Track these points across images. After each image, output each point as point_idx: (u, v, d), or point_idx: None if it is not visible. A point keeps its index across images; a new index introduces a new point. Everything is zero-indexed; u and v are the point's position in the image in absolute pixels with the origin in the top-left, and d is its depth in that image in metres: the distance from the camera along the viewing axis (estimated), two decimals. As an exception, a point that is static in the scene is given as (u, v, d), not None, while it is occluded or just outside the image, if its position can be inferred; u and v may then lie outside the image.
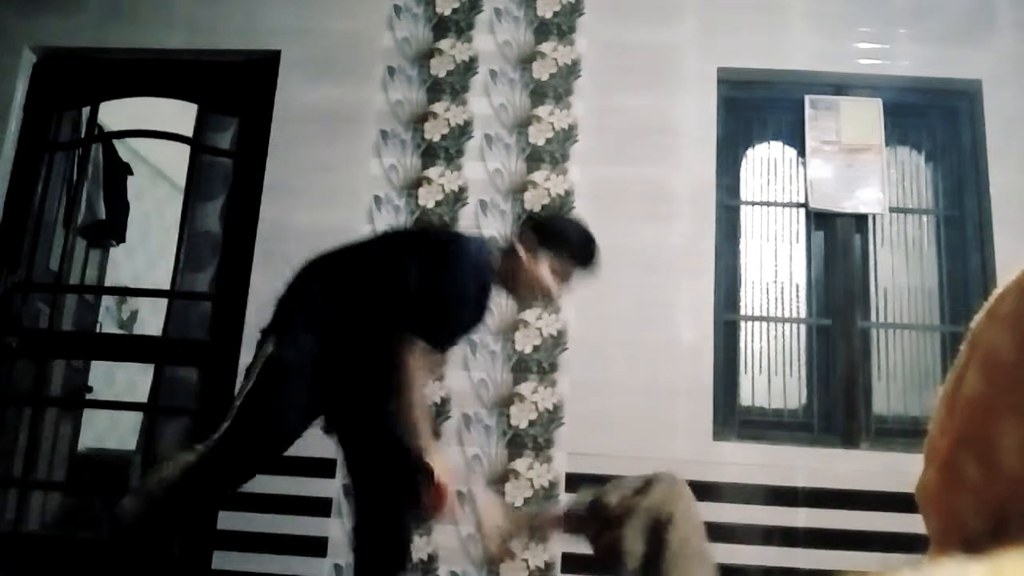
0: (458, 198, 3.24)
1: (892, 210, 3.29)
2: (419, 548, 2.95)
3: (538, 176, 3.24)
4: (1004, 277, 0.38)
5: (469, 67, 3.36)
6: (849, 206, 3.25)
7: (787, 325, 3.25)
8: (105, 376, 4.49)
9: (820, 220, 3.29)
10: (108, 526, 3.20)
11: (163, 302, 3.69)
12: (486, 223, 3.21)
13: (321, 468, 3.02)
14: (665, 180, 3.20)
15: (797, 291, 3.28)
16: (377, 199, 3.25)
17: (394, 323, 2.18)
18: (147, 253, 5.26)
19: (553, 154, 3.26)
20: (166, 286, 3.59)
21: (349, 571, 2.94)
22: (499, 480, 2.99)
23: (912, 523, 2.39)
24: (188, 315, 3.60)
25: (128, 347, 4.04)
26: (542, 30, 3.38)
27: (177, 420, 3.54)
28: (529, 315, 3.11)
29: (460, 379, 3.08)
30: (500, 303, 3.13)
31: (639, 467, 2.94)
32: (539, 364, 3.08)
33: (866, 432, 3.10)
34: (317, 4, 3.44)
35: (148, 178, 5.16)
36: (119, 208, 4.11)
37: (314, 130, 3.32)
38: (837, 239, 3.27)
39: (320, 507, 2.99)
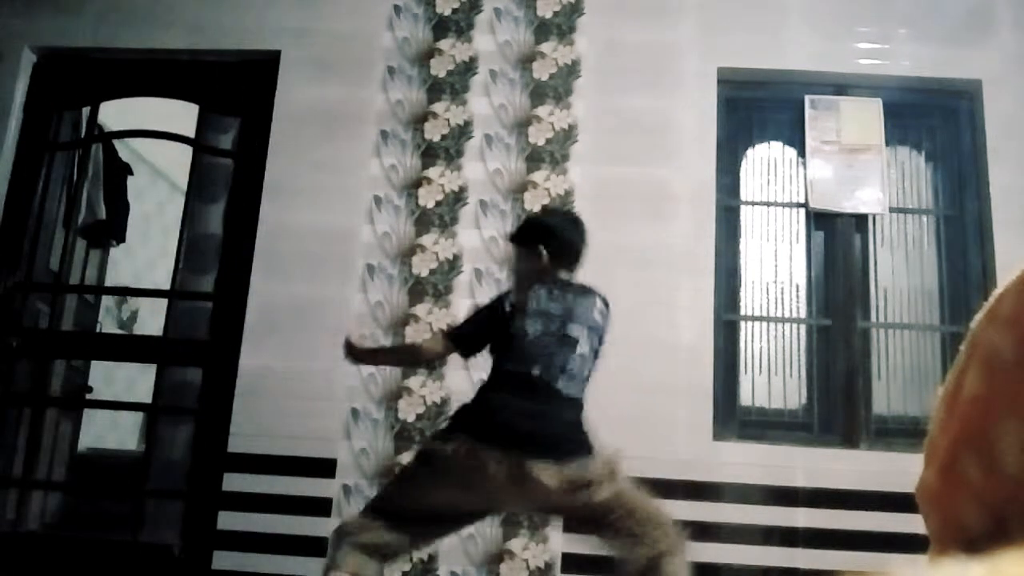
0: (458, 198, 3.24)
1: (892, 210, 3.29)
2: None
3: (538, 176, 3.24)
4: (1004, 277, 0.38)
5: (469, 67, 3.36)
6: (849, 206, 3.25)
7: (787, 325, 3.25)
8: (105, 376, 4.49)
9: (820, 220, 3.29)
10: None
11: (163, 302, 3.69)
12: (486, 223, 3.21)
13: (321, 468, 3.02)
14: (665, 180, 3.21)
15: (797, 291, 3.28)
16: (377, 199, 3.25)
17: None
18: (147, 253, 5.27)
19: (553, 154, 3.26)
20: (166, 286, 3.60)
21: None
22: (499, 480, 2.99)
23: (912, 523, 2.39)
24: (188, 315, 3.60)
25: (128, 347, 4.05)
26: (542, 30, 3.38)
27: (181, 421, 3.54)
28: (529, 315, 3.11)
29: (460, 378, 3.08)
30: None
31: (639, 467, 2.95)
32: (539, 364, 3.07)
33: (866, 432, 3.10)
34: (317, 4, 3.44)
35: (148, 178, 5.17)
36: (119, 208, 4.11)
37: (314, 130, 3.32)
38: (837, 239, 3.27)
39: (320, 507, 2.99)
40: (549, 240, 2.41)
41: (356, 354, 2.48)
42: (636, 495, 2.23)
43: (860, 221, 3.28)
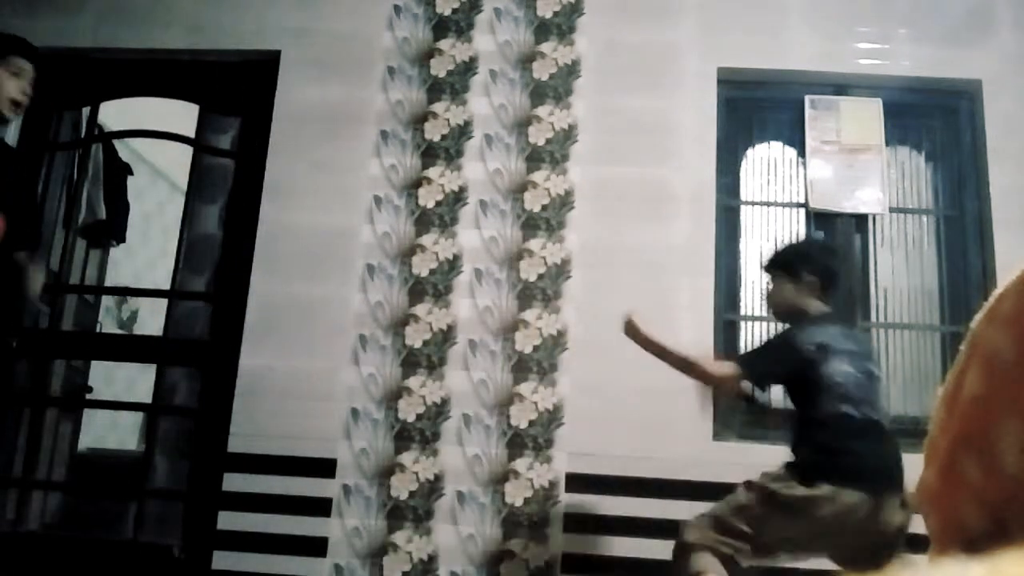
0: (458, 198, 3.24)
1: (892, 210, 3.29)
2: (419, 548, 2.96)
3: (538, 176, 3.24)
4: (1004, 277, 0.38)
5: (469, 67, 3.36)
6: (849, 206, 3.25)
7: (787, 325, 3.24)
8: (105, 376, 4.49)
9: (820, 220, 3.29)
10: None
11: (163, 302, 3.69)
12: (486, 223, 3.21)
13: (321, 468, 3.02)
14: (665, 180, 3.20)
15: (797, 291, 3.27)
16: (377, 199, 3.25)
17: None
18: (147, 253, 5.27)
19: (553, 154, 3.26)
20: (166, 286, 3.60)
21: (349, 571, 2.95)
22: (499, 480, 2.99)
23: (912, 523, 2.38)
24: (188, 315, 3.61)
25: (128, 347, 4.05)
26: (542, 30, 3.38)
27: (181, 421, 3.55)
28: (529, 315, 3.11)
29: (460, 379, 3.08)
30: (500, 303, 3.14)
31: (639, 467, 2.95)
32: (539, 364, 3.08)
33: (866, 432, 3.09)
34: (317, 4, 3.44)
35: (148, 178, 5.16)
36: (119, 208, 4.11)
37: (314, 130, 3.32)
38: (837, 239, 3.26)
39: (320, 507, 2.99)
40: (822, 270, 2.38)
41: (638, 337, 2.43)
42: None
43: (860, 221, 3.28)
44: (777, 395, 2.82)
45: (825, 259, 2.42)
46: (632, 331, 2.46)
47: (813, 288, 2.37)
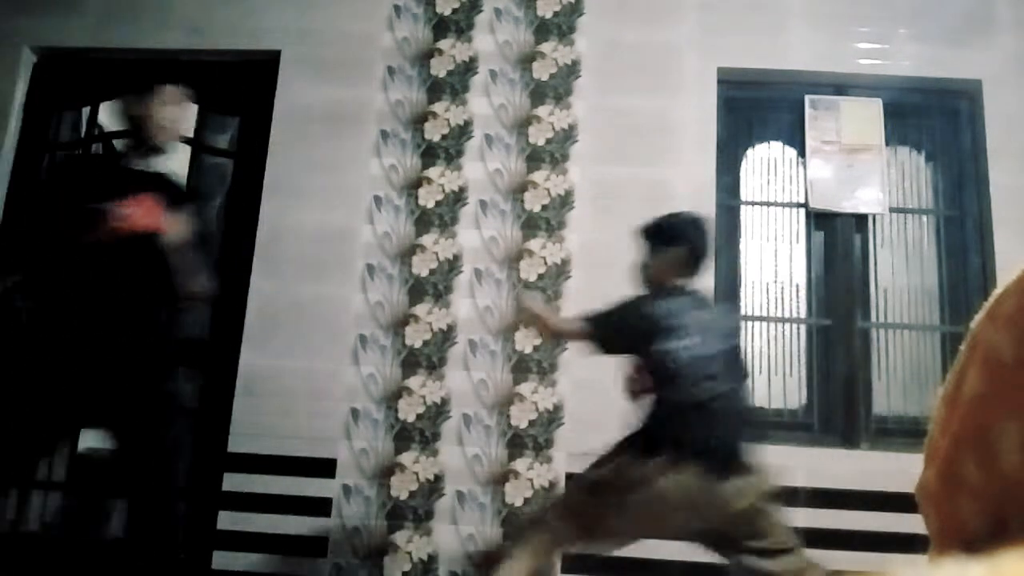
0: (458, 198, 3.24)
1: (892, 210, 3.29)
2: (419, 548, 2.96)
3: (538, 176, 3.24)
4: (1004, 277, 0.38)
5: (469, 67, 3.37)
6: (849, 206, 3.25)
7: (787, 325, 3.25)
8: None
9: (820, 220, 3.29)
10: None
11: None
12: (486, 223, 3.21)
13: (321, 468, 3.02)
14: (665, 180, 3.21)
15: (797, 291, 3.28)
16: (377, 199, 3.25)
17: None
18: (147, 253, 5.25)
19: (553, 154, 3.26)
20: (166, 286, 3.59)
21: (349, 571, 2.95)
22: (499, 480, 2.99)
23: (912, 523, 2.38)
24: (188, 315, 3.60)
25: (128, 347, 4.04)
26: (542, 30, 3.38)
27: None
28: (529, 315, 3.12)
29: (460, 379, 3.08)
30: (500, 304, 3.14)
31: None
32: (539, 364, 3.08)
33: (866, 432, 3.10)
34: (317, 4, 3.45)
35: (148, 178, 5.16)
36: (119, 208, 4.10)
37: (314, 130, 3.32)
38: (837, 239, 3.27)
39: (320, 507, 2.99)
40: (688, 243, 2.38)
41: (523, 311, 2.49)
42: (779, 513, 2.24)
43: (860, 221, 3.28)
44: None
45: (694, 235, 2.41)
46: (525, 316, 2.50)
47: (679, 261, 2.37)
